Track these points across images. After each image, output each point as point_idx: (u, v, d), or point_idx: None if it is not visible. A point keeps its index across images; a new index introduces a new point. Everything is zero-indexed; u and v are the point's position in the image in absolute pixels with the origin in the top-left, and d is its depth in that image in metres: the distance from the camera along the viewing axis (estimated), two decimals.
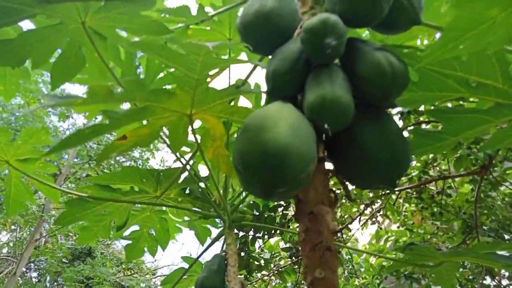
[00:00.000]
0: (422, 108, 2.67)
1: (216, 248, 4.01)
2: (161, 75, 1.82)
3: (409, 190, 3.55)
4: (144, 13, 1.31)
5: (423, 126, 2.78)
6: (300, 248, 0.92)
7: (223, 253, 1.65)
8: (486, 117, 1.12)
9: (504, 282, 3.22)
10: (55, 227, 10.46)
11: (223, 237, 1.96)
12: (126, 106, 1.87)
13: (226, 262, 1.58)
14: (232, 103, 1.50)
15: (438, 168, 3.29)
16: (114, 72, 1.53)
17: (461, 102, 1.77)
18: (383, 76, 0.85)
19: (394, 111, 2.98)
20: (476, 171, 2.91)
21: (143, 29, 1.34)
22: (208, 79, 0.99)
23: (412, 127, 2.64)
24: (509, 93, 1.02)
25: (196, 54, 0.81)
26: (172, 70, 1.72)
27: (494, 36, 0.68)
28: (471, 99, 1.39)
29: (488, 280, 3.43)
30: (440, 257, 1.59)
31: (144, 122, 1.21)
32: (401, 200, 3.77)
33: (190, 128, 1.22)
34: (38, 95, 9.21)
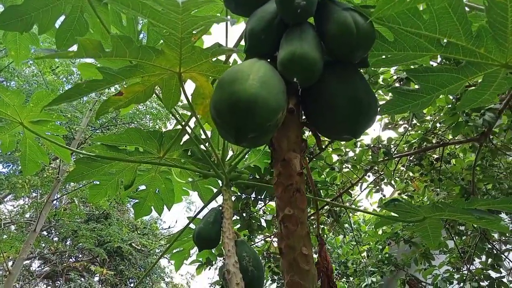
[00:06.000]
0: None
1: None
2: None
3: (410, 158, 3.61)
4: None
5: None
6: (274, 191, 1.02)
7: (219, 207, 1.77)
8: (457, 75, 1.18)
9: (503, 246, 3.30)
10: (72, 187, 10.90)
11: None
12: None
13: (222, 215, 1.70)
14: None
15: (439, 135, 3.32)
16: None
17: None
18: (348, 32, 0.93)
19: (395, 76, 3.02)
20: (475, 137, 2.95)
21: None
22: (193, 39, 1.07)
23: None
24: (475, 52, 1.08)
25: (176, 12, 0.89)
26: None
27: None
28: None
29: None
30: (422, 212, 1.68)
31: None
32: (403, 168, 3.83)
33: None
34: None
